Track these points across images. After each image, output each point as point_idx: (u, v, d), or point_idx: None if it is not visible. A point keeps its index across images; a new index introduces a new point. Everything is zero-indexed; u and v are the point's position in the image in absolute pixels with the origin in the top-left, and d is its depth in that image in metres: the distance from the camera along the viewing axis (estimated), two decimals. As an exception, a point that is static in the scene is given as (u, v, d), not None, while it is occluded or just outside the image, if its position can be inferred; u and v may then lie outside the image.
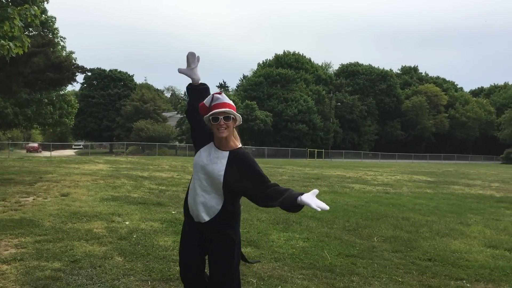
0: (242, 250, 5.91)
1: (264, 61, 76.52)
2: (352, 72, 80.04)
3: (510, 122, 74.58)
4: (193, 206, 3.05)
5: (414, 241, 6.89)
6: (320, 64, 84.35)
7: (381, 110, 77.90)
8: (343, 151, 65.37)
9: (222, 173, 2.97)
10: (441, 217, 9.45)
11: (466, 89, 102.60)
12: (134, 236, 6.47)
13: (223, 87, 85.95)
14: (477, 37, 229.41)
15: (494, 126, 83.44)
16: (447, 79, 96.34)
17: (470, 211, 10.69)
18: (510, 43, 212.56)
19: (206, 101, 3.05)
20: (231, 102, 3.04)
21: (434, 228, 8.06)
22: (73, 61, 23.04)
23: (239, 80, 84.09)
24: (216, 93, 3.04)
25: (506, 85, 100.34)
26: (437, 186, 17.64)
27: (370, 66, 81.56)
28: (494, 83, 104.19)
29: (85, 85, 72.17)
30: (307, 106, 63.77)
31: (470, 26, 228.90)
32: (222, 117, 2.95)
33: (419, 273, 5.25)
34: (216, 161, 3.00)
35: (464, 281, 5.01)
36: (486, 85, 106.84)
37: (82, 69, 16.95)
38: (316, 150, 59.05)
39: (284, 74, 66.05)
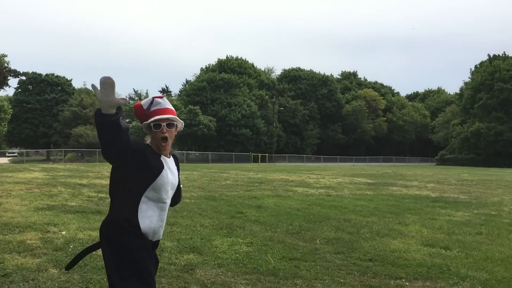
0: (185, 256, 5.81)
1: (207, 65, 76.16)
2: (294, 77, 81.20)
3: (443, 125, 78.49)
4: (159, 227, 2.78)
5: (355, 242, 7.02)
6: (263, 69, 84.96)
7: (322, 115, 79.56)
8: (287, 155, 66.22)
9: (179, 180, 2.91)
10: (381, 218, 9.71)
11: (403, 93, 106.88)
12: (71, 246, 6.19)
13: (165, 92, 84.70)
14: (410, 44, 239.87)
15: (429, 129, 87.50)
16: (384, 84, 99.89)
17: (408, 211, 11.05)
18: (440, 49, 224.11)
19: (145, 103, 2.81)
20: (173, 108, 2.86)
21: (374, 229, 8.26)
22: (5, 64, 22.00)
23: (182, 85, 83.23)
24: (157, 97, 2.84)
25: (439, 89, 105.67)
26: (377, 187, 18.15)
27: (311, 71, 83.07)
28: (428, 88, 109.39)
29: (19, 90, 69.19)
30: (251, 110, 64.04)
31: (401, 32, 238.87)
32: (165, 124, 2.74)
33: (360, 273, 5.34)
34: (174, 172, 2.86)
35: (403, 280, 5.14)
36: (421, 90, 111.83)
37: (15, 73, 16.25)
38: (260, 154, 59.47)
39: (227, 79, 66.01)
